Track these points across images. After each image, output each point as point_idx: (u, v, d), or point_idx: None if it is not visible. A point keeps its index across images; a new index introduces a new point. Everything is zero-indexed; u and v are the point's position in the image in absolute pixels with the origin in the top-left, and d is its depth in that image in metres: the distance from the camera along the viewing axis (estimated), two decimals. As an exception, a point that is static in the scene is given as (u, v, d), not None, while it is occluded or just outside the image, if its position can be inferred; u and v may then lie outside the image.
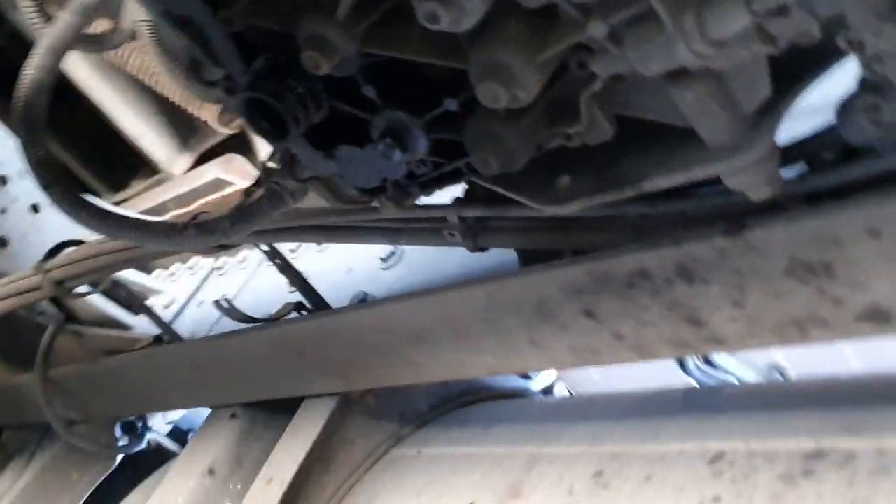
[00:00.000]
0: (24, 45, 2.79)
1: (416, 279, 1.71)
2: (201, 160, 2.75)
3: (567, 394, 2.08)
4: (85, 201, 1.14)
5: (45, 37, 1.23)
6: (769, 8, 0.66)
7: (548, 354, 1.19)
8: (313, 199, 1.21)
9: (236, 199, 2.30)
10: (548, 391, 2.02)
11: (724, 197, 0.96)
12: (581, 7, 0.70)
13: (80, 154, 3.10)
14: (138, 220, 1.16)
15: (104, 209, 1.14)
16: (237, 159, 2.36)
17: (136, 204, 2.75)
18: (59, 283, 1.83)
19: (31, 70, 1.20)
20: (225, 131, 2.45)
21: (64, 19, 1.23)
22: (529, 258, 1.29)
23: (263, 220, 1.19)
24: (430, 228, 1.21)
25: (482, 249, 1.21)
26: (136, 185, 2.96)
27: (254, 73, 0.87)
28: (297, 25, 0.82)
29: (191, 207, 2.45)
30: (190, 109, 2.43)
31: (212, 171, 2.38)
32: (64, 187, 1.14)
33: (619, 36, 0.71)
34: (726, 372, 1.71)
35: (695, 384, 1.76)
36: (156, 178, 2.81)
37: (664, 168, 0.86)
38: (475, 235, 1.19)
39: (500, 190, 0.99)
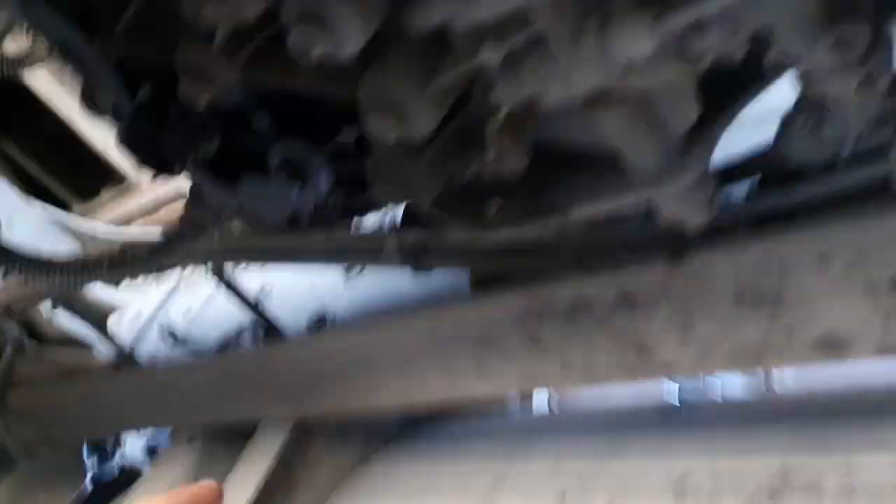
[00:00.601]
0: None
1: (376, 294, 1.63)
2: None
3: (547, 404, 2.01)
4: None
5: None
6: (681, 27, 0.58)
7: (496, 381, 1.12)
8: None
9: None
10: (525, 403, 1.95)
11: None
12: (471, 33, 0.62)
13: (48, 164, 3.04)
14: (44, 261, 1.08)
15: (6, 250, 1.06)
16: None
17: (105, 214, 2.69)
18: (7, 306, 1.76)
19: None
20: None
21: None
22: (479, 278, 1.21)
23: (184, 249, 1.11)
24: (371, 249, 1.14)
25: (427, 270, 1.13)
26: (106, 195, 2.90)
27: (137, 104, 0.79)
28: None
29: (156, 216, 2.38)
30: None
31: (177, 183, 2.30)
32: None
33: (515, 62, 0.62)
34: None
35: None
36: (122, 186, 2.76)
37: (592, 195, 0.78)
38: (416, 257, 1.11)
39: (435, 214, 0.92)
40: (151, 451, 2.47)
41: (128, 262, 1.08)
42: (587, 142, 0.76)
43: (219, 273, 1.52)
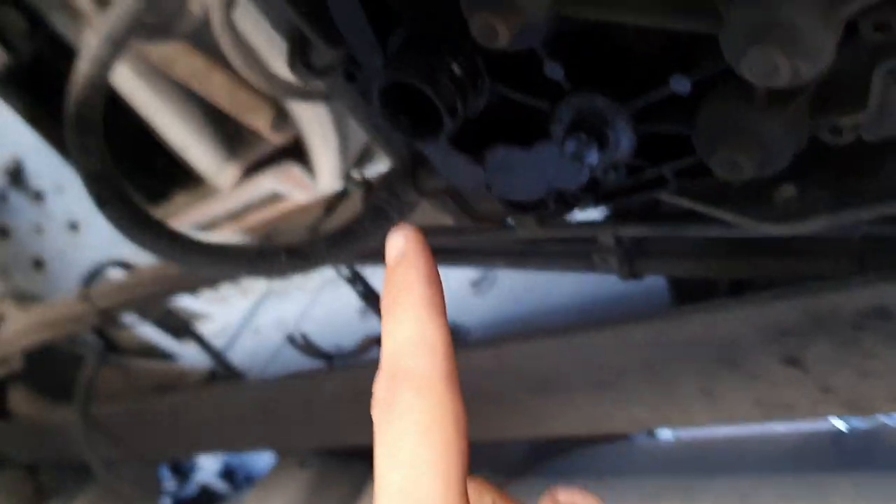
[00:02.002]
0: (63, 51, 2.61)
1: (513, 309, 1.47)
2: (249, 171, 2.55)
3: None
4: (151, 222, 0.92)
5: (102, 24, 1.02)
6: None
7: (723, 408, 0.96)
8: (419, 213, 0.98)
9: (295, 214, 2.09)
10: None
11: None
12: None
13: (117, 163, 2.91)
14: (216, 246, 0.94)
15: (174, 233, 0.92)
16: (294, 169, 2.15)
17: (182, 219, 2.55)
18: (105, 311, 1.62)
19: (86, 63, 0.99)
20: (278, 140, 2.24)
21: (123, 3, 1.01)
22: (684, 290, 1.05)
23: (364, 243, 0.96)
24: (573, 252, 0.98)
25: (637, 277, 0.97)
26: (179, 198, 2.76)
27: (392, 50, 0.65)
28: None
29: (245, 223, 2.23)
30: (239, 116, 2.23)
31: (266, 183, 2.16)
32: (124, 205, 0.93)
33: None
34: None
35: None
36: (201, 190, 2.61)
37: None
38: (631, 261, 0.95)
39: (688, 203, 0.76)
40: (227, 474, 2.32)
41: (307, 255, 0.93)
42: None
43: (355, 278, 1.36)
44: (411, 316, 0.45)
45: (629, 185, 0.70)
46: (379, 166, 1.91)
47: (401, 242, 0.50)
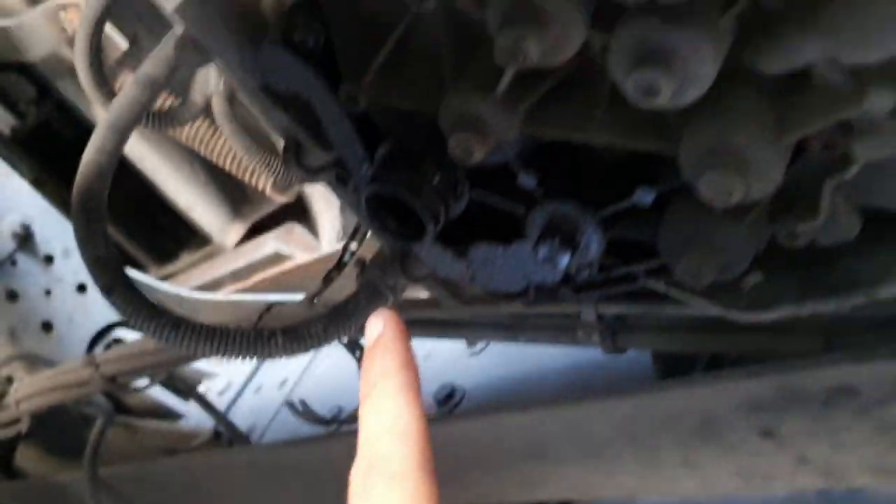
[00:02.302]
0: (69, 119, 2.69)
1: (511, 372, 1.51)
2: (254, 230, 2.60)
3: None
4: (154, 309, 0.96)
5: (108, 113, 1.07)
6: None
7: (705, 478, 0.99)
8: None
9: (298, 276, 2.13)
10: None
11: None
12: (854, 73, 0.52)
13: (125, 224, 2.97)
14: (216, 329, 0.98)
15: (176, 318, 0.96)
16: (296, 230, 2.20)
17: (188, 279, 2.60)
18: (111, 378, 1.65)
19: (92, 152, 1.04)
20: (282, 199, 2.30)
21: (128, 93, 1.06)
22: (668, 361, 1.09)
23: (360, 321, 1.01)
24: (559, 325, 1.02)
25: (620, 351, 1.01)
26: (185, 258, 2.82)
27: (379, 161, 0.70)
28: (436, 104, 0.65)
29: (248, 283, 2.28)
30: (243, 178, 2.29)
31: (270, 243, 2.21)
32: (127, 291, 0.97)
33: (905, 110, 0.52)
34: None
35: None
36: (206, 250, 2.67)
37: (909, 270, 0.67)
38: (614, 335, 0.99)
39: (662, 288, 0.80)
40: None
41: (303, 337, 0.97)
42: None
43: (354, 347, 1.40)
44: (387, 404, 0.49)
45: (602, 280, 0.75)
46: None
47: (379, 326, 0.54)
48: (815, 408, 0.85)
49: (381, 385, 0.51)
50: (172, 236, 2.88)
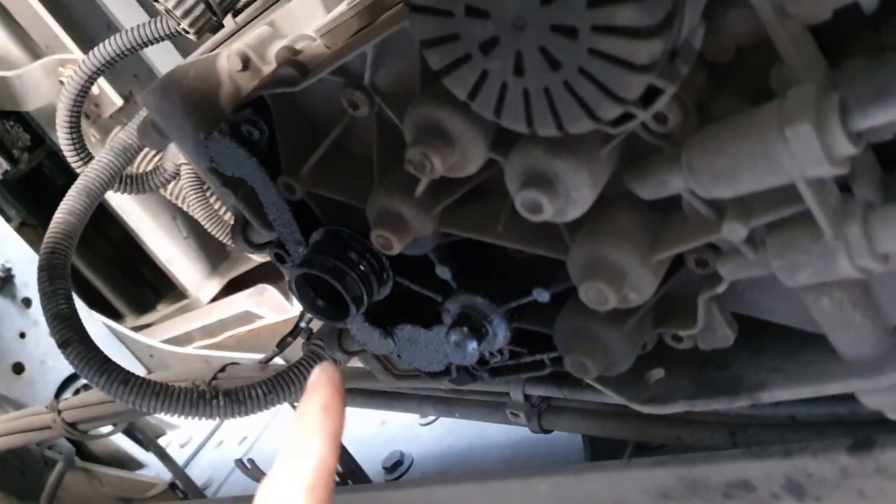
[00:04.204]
0: (60, 166, 2.77)
1: (458, 442, 1.56)
2: (230, 286, 2.66)
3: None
4: (108, 363, 1.02)
5: (82, 177, 1.14)
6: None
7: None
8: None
9: (265, 335, 2.18)
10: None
11: (846, 404, 0.82)
12: (713, 204, 0.59)
13: (106, 273, 3.03)
14: (161, 387, 1.03)
15: (126, 374, 1.01)
16: (268, 291, 2.26)
17: (161, 331, 2.65)
18: (72, 424, 1.69)
19: (63, 213, 1.11)
20: (258, 259, 2.36)
21: (102, 160, 1.14)
22: (597, 443, 1.14)
23: (302, 388, 1.06)
24: (489, 402, 1.08)
25: (546, 432, 1.07)
26: (162, 309, 2.88)
27: (312, 246, 0.76)
28: (365, 198, 0.72)
29: (217, 339, 2.33)
30: (222, 236, 2.35)
31: (241, 302, 2.27)
32: (83, 346, 1.03)
33: (759, 240, 0.59)
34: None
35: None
36: (182, 303, 2.73)
37: (785, 376, 0.73)
38: (539, 416, 1.05)
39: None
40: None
41: (244, 400, 1.02)
42: (786, 318, 0.72)
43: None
44: (302, 453, 0.54)
45: (514, 365, 0.81)
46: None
47: (316, 374, 0.59)
48: (716, 499, 0.90)
49: (303, 433, 0.55)
50: (151, 287, 2.95)
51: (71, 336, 1.03)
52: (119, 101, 2.34)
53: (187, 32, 0.92)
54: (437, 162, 0.61)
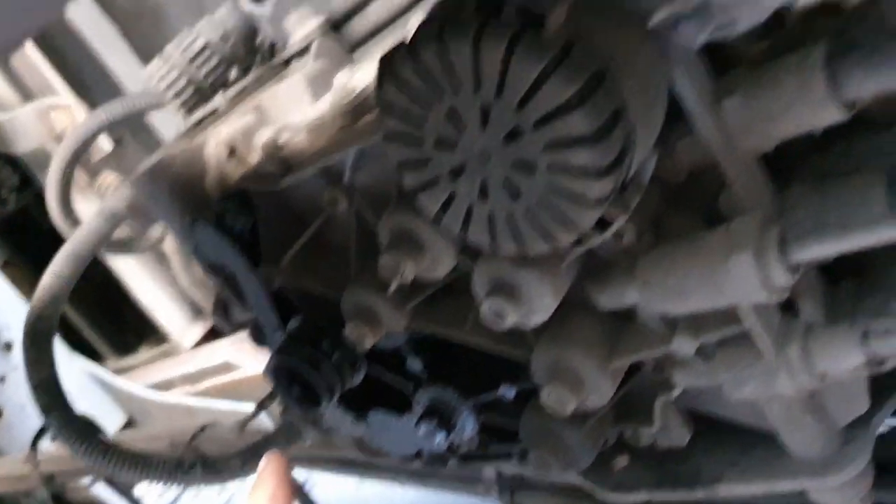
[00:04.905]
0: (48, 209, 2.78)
1: (434, 501, 1.58)
2: (212, 333, 2.67)
3: None
4: (86, 432, 1.04)
5: (70, 242, 1.17)
6: (880, 333, 0.58)
7: None
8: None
9: (245, 386, 2.19)
10: None
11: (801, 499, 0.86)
12: (666, 318, 0.62)
13: (88, 314, 3.04)
14: (140, 456, 1.05)
15: (106, 444, 1.04)
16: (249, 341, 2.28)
17: (143, 375, 2.65)
18: (49, 476, 1.70)
19: (49, 277, 1.14)
20: (241, 309, 2.39)
21: (91, 225, 1.17)
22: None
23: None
24: (462, 478, 1.10)
25: (517, 507, 1.09)
26: (144, 352, 2.88)
27: (288, 334, 0.79)
28: (342, 290, 0.75)
29: (198, 387, 2.34)
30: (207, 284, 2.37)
31: (222, 351, 2.28)
32: (64, 414, 1.05)
33: (708, 353, 0.62)
34: None
35: None
36: (165, 347, 2.73)
37: (740, 471, 0.76)
38: (512, 493, 1.07)
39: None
40: None
41: (221, 469, 1.05)
42: (741, 417, 0.75)
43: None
44: None
45: (481, 454, 0.84)
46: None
47: (263, 465, 0.63)
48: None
49: None
50: (134, 330, 2.95)
51: (54, 404, 1.05)
52: (109, 147, 2.37)
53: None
54: (407, 270, 0.64)
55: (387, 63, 0.54)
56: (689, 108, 0.56)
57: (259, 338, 0.85)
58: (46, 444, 2.26)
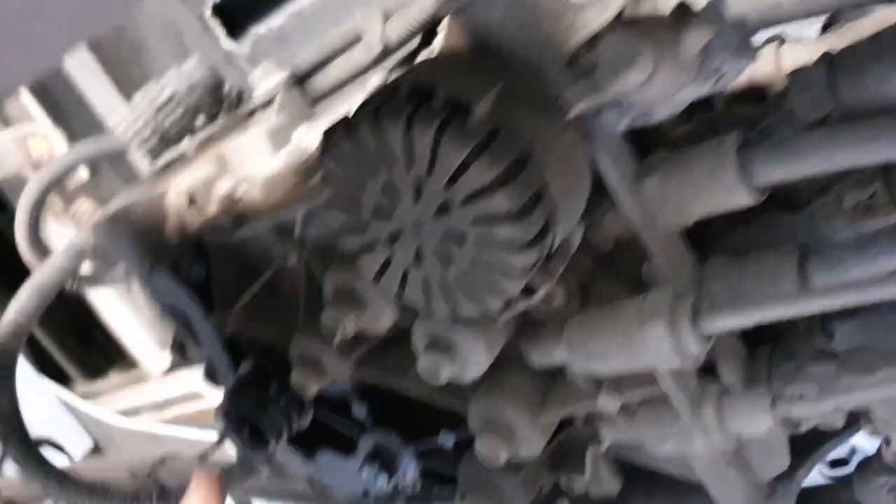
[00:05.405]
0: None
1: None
2: (180, 363, 2.69)
3: None
4: (44, 462, 1.06)
5: (35, 276, 1.19)
6: (792, 406, 0.62)
7: None
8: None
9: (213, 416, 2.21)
10: None
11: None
12: (591, 377, 0.66)
13: (59, 336, 3.04)
14: (97, 487, 1.07)
15: (62, 474, 1.06)
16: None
17: (110, 402, 2.66)
18: (10, 501, 1.71)
19: (13, 312, 1.16)
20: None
21: (56, 261, 1.19)
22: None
23: (237, 488, 1.11)
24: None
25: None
26: (113, 377, 2.88)
27: (238, 378, 0.82)
28: (290, 338, 0.78)
29: (166, 415, 2.35)
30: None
31: (190, 379, 2.30)
32: (22, 445, 1.07)
33: (631, 411, 0.66)
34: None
35: None
36: (134, 373, 2.74)
37: (670, 521, 0.80)
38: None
39: None
40: None
41: (176, 497, 1.07)
42: (670, 468, 0.78)
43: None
44: None
45: (424, 497, 0.87)
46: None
47: (193, 482, 0.67)
48: None
49: None
50: (103, 353, 2.95)
51: (12, 435, 1.07)
52: (85, 175, 2.40)
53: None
54: (349, 324, 0.68)
55: (329, 137, 0.57)
56: (611, 186, 0.60)
57: (212, 377, 0.88)
58: (8, 471, 2.26)
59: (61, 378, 2.92)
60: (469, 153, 0.52)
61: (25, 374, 2.52)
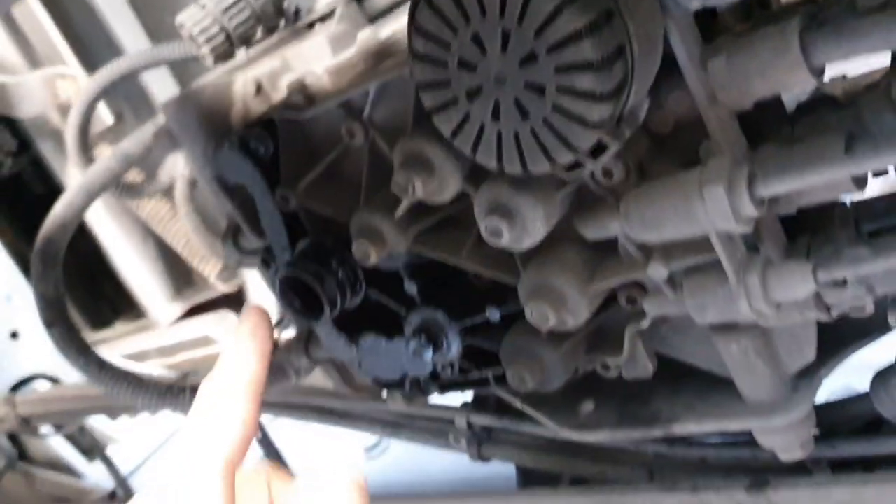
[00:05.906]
0: (41, 175, 2.83)
1: (400, 476, 1.64)
2: (189, 313, 2.71)
3: None
4: (86, 348, 1.10)
5: (84, 176, 1.23)
6: (831, 279, 0.67)
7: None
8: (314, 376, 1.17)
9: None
10: None
11: (749, 450, 0.94)
12: (642, 248, 0.71)
13: (67, 283, 3.06)
14: (135, 376, 1.11)
15: (103, 360, 1.10)
16: (230, 318, 2.33)
17: (116, 347, 2.68)
18: (25, 418, 1.74)
19: (61, 206, 1.20)
20: (224, 289, 2.43)
21: (105, 163, 1.24)
22: (528, 475, 1.24)
23: (266, 394, 1.15)
24: (434, 429, 1.17)
25: (485, 460, 1.16)
26: (119, 327, 2.91)
27: (298, 252, 0.87)
28: (350, 217, 0.83)
29: (173, 360, 2.38)
30: (191, 262, 2.42)
31: (203, 326, 2.33)
32: (66, 329, 1.11)
33: (677, 281, 0.71)
34: None
35: None
36: (140, 323, 2.77)
37: (696, 413, 0.84)
38: (480, 444, 1.15)
39: (515, 402, 0.96)
40: None
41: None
42: (700, 360, 0.83)
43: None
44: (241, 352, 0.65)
45: (461, 380, 0.91)
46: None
47: (245, 310, 0.71)
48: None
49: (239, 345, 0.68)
50: (111, 304, 2.98)
51: (56, 319, 1.11)
52: (110, 120, 2.43)
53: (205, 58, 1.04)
54: (418, 186, 0.72)
55: (423, -10, 0.62)
56: (680, 62, 0.65)
57: (267, 262, 0.92)
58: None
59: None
60: (560, 2, 0.56)
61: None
